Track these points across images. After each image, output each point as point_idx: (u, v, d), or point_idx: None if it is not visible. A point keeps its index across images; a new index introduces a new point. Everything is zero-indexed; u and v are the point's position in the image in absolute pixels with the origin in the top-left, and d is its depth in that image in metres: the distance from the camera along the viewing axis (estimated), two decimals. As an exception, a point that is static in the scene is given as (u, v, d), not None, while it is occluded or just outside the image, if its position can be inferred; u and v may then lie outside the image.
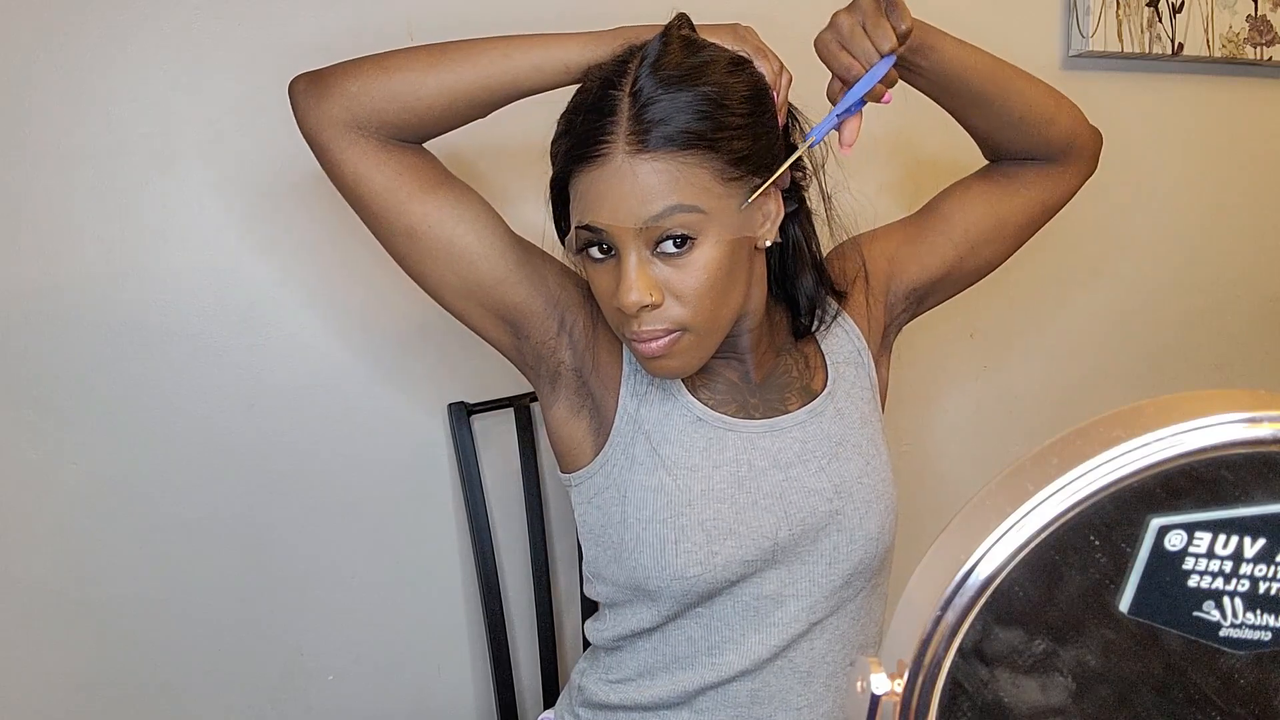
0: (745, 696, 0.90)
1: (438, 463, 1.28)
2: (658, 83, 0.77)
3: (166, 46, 1.11)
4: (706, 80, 0.78)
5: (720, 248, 0.80)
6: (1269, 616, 0.37)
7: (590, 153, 0.78)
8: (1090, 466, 0.35)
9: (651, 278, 0.79)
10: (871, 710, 0.37)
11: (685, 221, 0.78)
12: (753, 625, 0.89)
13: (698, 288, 0.79)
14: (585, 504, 0.94)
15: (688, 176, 0.77)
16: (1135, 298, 1.69)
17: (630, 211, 0.77)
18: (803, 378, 0.95)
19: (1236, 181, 1.72)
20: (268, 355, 1.19)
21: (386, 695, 1.29)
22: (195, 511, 1.18)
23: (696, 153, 0.77)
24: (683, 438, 0.89)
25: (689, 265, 0.79)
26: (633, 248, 0.78)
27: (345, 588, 1.26)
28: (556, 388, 0.93)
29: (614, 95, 0.78)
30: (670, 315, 0.80)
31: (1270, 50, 1.64)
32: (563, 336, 0.91)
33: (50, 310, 1.10)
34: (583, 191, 0.80)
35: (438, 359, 1.26)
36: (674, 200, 0.77)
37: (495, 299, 0.88)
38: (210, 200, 1.15)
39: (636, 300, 0.78)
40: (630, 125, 0.76)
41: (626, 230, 0.78)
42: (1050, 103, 1.01)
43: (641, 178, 0.76)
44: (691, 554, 0.85)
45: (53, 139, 1.08)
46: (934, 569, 0.37)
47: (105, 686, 1.17)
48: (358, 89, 0.82)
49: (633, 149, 0.76)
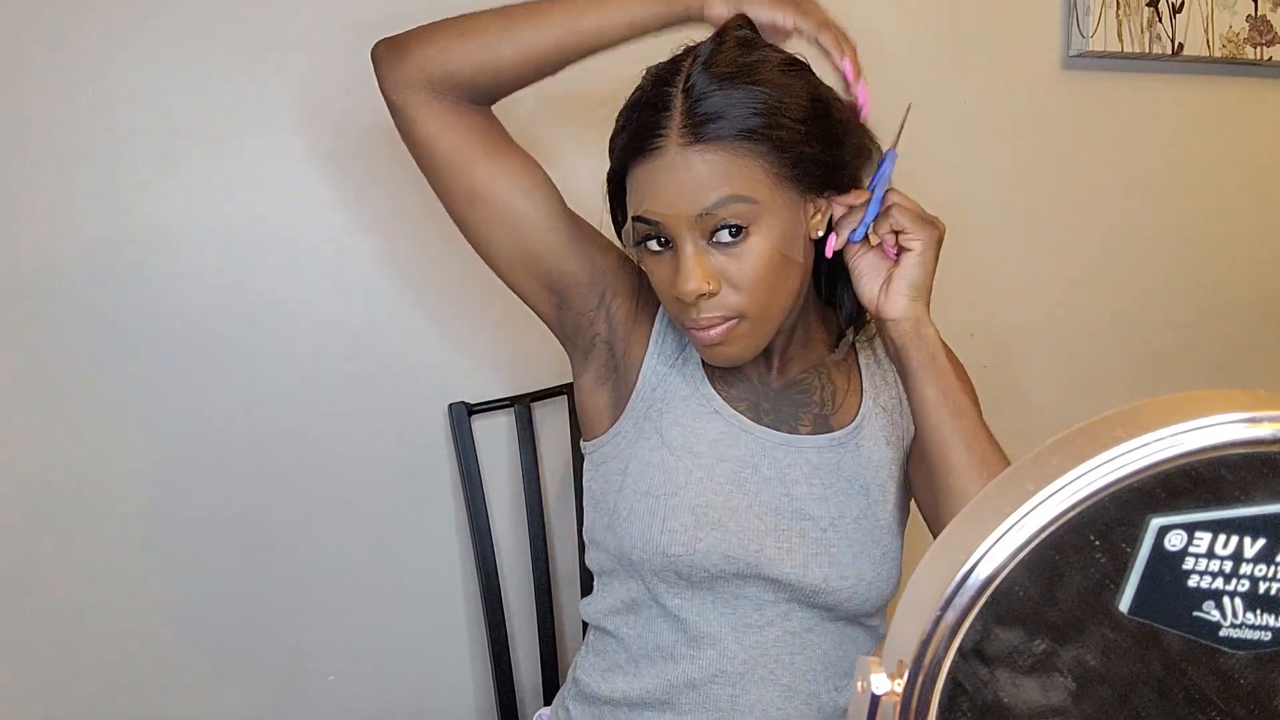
0: (726, 702, 0.91)
1: (438, 463, 1.28)
2: (710, 79, 0.79)
3: (166, 46, 1.11)
4: (759, 79, 0.80)
5: (773, 238, 0.82)
6: (1269, 616, 0.37)
7: (645, 146, 0.81)
8: (1090, 466, 0.35)
9: (709, 266, 0.82)
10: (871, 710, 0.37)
11: (739, 212, 0.80)
12: (730, 624, 0.90)
13: (753, 276, 0.82)
14: (594, 470, 0.97)
15: (740, 168, 0.79)
16: (1135, 298, 1.69)
17: (686, 201, 0.80)
18: (824, 406, 0.95)
19: (1236, 181, 1.72)
20: (268, 355, 1.19)
21: (386, 695, 1.29)
22: (195, 511, 1.18)
23: (749, 145, 0.79)
24: (694, 423, 0.92)
25: (744, 254, 0.81)
26: (689, 238, 0.81)
27: (345, 587, 1.26)
28: (589, 357, 0.97)
29: (668, 91, 0.81)
30: (727, 303, 0.82)
31: (1270, 50, 1.64)
32: (601, 310, 0.95)
33: (50, 310, 1.10)
34: (639, 183, 0.82)
35: (438, 359, 1.26)
36: (728, 191, 0.79)
37: (544, 268, 0.92)
38: (210, 200, 1.15)
39: (694, 289, 0.81)
40: (683, 119, 0.79)
41: (682, 220, 0.80)
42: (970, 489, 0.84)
43: (695, 169, 0.79)
44: (676, 534, 0.88)
45: (53, 139, 1.08)
46: (934, 569, 0.37)
47: (105, 686, 1.17)
48: (435, 53, 0.86)
49: (685, 141, 0.79)
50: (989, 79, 1.52)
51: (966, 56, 1.51)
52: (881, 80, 1.47)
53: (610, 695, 0.95)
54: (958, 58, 1.50)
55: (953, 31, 1.50)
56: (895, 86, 1.49)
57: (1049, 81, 1.56)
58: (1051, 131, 1.57)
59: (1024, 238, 1.59)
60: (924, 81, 1.48)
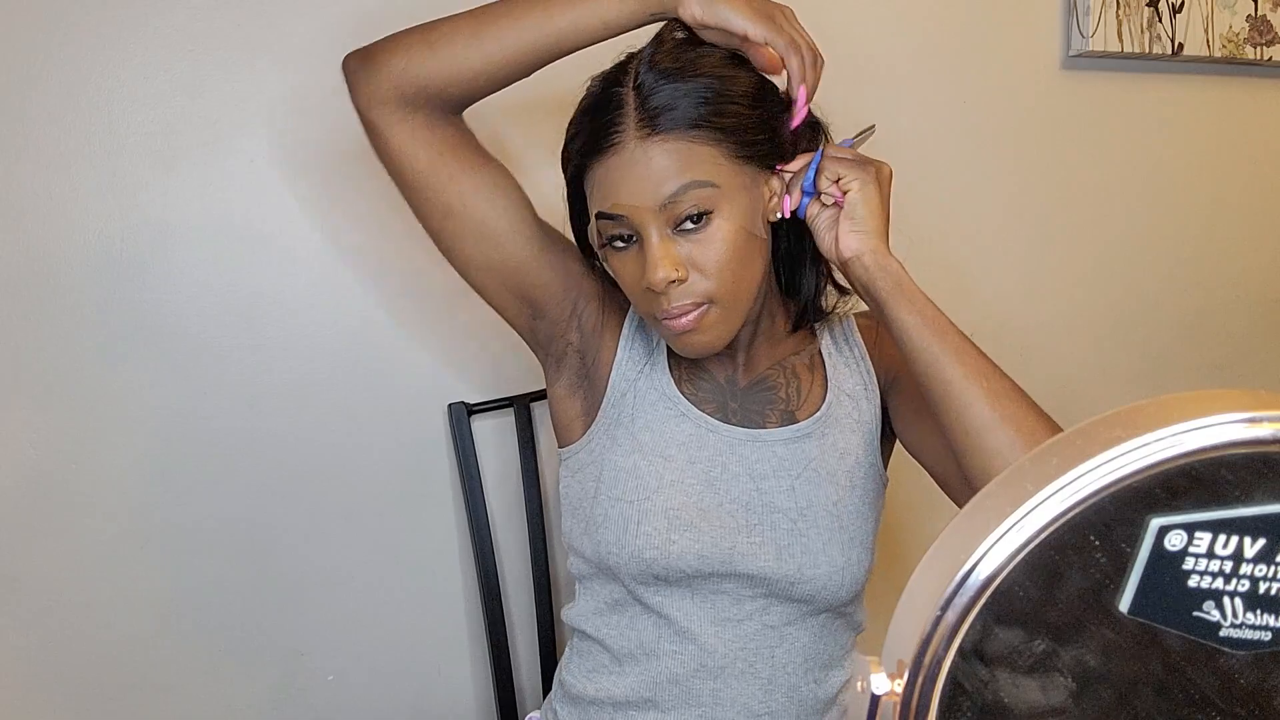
0: (708, 696, 0.92)
1: (438, 463, 1.28)
2: (658, 76, 0.82)
3: (167, 46, 1.11)
4: (703, 72, 0.82)
5: (735, 220, 0.83)
6: (1269, 616, 0.37)
7: (604, 144, 0.82)
8: (1090, 466, 0.35)
9: (675, 255, 0.83)
10: (871, 710, 0.37)
11: (700, 198, 0.81)
12: (710, 619, 0.92)
13: (719, 259, 0.83)
14: (569, 477, 0.99)
15: (698, 155, 0.81)
16: (1135, 298, 1.69)
17: (649, 193, 0.81)
18: (789, 401, 0.96)
19: (1236, 181, 1.72)
20: (268, 355, 1.19)
21: (386, 695, 1.29)
22: (194, 511, 1.18)
23: (702, 133, 0.81)
24: (664, 427, 0.93)
25: (709, 239, 0.83)
26: (654, 227, 0.82)
27: (345, 588, 1.26)
28: (561, 366, 0.98)
29: (618, 91, 0.82)
30: (696, 289, 0.83)
31: (1270, 50, 1.64)
32: (574, 319, 0.96)
33: (50, 310, 1.10)
34: (600, 182, 0.84)
35: (438, 359, 1.26)
36: (688, 178, 0.81)
37: (518, 280, 0.92)
38: (210, 200, 1.15)
39: (664, 276, 0.81)
40: (638, 114, 0.81)
41: (646, 211, 0.81)
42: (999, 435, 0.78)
43: (654, 160, 0.81)
44: (650, 537, 0.89)
45: (53, 139, 1.08)
46: (934, 569, 0.37)
47: (105, 686, 1.17)
48: (404, 65, 0.84)
49: (643, 135, 0.81)
50: (989, 79, 1.52)
51: (966, 56, 1.51)
52: (882, 80, 1.47)
53: (595, 695, 0.96)
54: (958, 58, 1.50)
55: (953, 31, 1.50)
56: (895, 86, 1.50)
57: (1049, 81, 1.56)
58: (1051, 131, 1.57)
59: (1024, 238, 1.59)
60: (924, 81, 1.48)
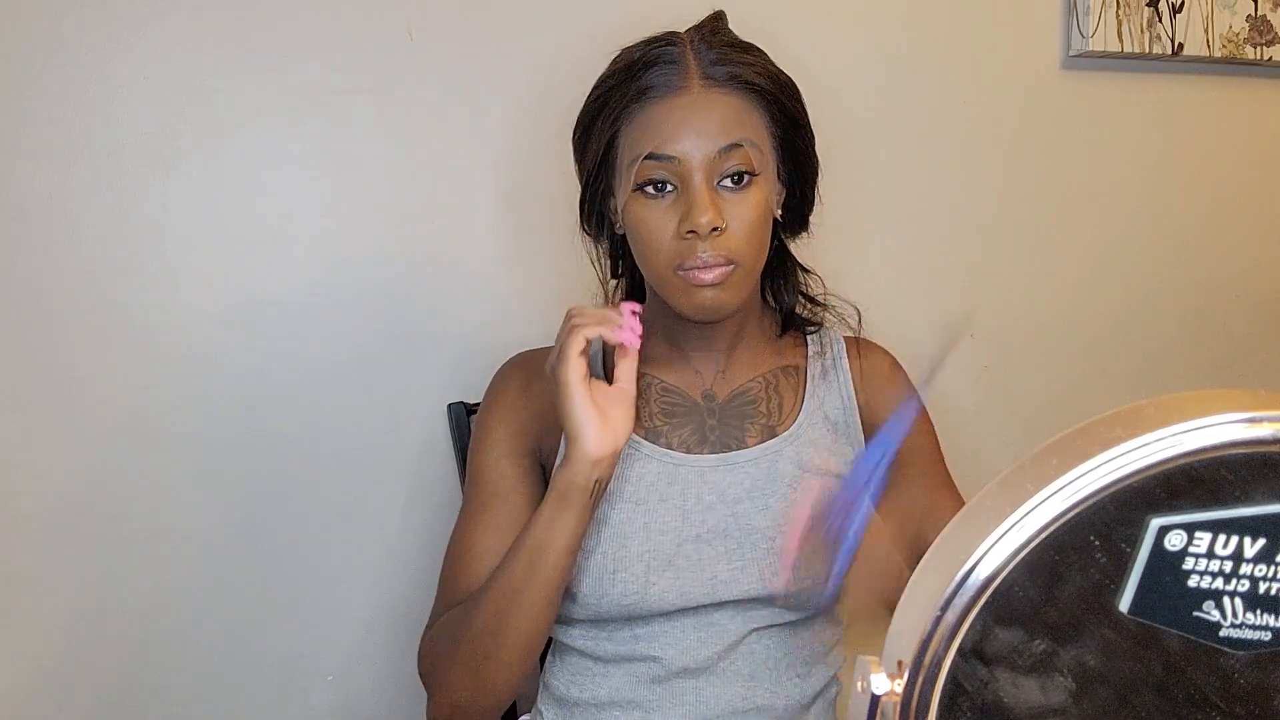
0: (691, 694, 0.92)
1: (438, 463, 1.28)
2: (714, 44, 0.86)
3: (167, 46, 1.11)
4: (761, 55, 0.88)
5: (767, 191, 0.87)
6: (1269, 616, 0.37)
7: (665, 89, 0.84)
8: (1090, 466, 0.35)
9: (720, 204, 0.84)
10: (871, 710, 0.37)
11: (750, 157, 0.85)
12: (692, 625, 0.92)
13: (753, 221, 0.85)
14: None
15: (752, 117, 0.86)
16: (1135, 298, 1.69)
17: (709, 138, 0.83)
18: (769, 416, 0.96)
19: (1236, 181, 1.72)
20: (268, 355, 1.19)
21: (386, 696, 1.29)
22: (194, 511, 1.18)
23: (759, 101, 0.86)
24: (630, 473, 0.93)
25: (745, 200, 0.85)
26: (701, 174, 0.83)
27: (345, 588, 1.26)
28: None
29: (672, 50, 0.85)
30: (729, 245, 0.84)
31: (1270, 50, 1.63)
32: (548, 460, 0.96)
33: (50, 310, 1.10)
34: (655, 124, 0.84)
35: (438, 359, 1.26)
36: (745, 134, 0.84)
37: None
38: (210, 200, 1.15)
39: (710, 220, 0.82)
40: (701, 68, 0.85)
41: (701, 156, 0.83)
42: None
43: (718, 108, 0.84)
44: (629, 584, 0.89)
45: (53, 139, 1.08)
46: (934, 569, 0.37)
47: (105, 687, 1.17)
48: (468, 700, 0.86)
49: (707, 84, 0.84)
50: (989, 79, 1.52)
51: (966, 56, 1.51)
52: (881, 80, 1.47)
53: (580, 698, 0.96)
54: (957, 57, 1.50)
55: (952, 31, 1.50)
56: (895, 86, 1.50)
57: (1049, 81, 1.56)
58: (1051, 131, 1.57)
59: (1023, 238, 1.59)
60: (924, 81, 1.48)
